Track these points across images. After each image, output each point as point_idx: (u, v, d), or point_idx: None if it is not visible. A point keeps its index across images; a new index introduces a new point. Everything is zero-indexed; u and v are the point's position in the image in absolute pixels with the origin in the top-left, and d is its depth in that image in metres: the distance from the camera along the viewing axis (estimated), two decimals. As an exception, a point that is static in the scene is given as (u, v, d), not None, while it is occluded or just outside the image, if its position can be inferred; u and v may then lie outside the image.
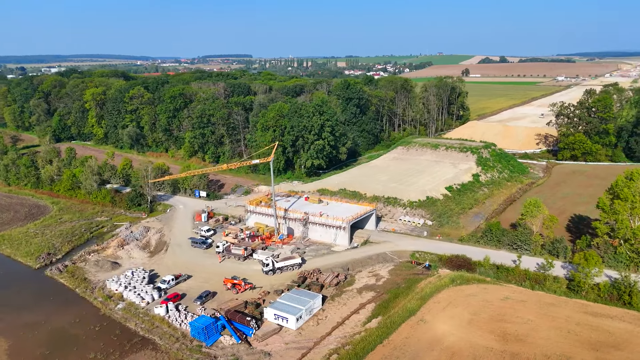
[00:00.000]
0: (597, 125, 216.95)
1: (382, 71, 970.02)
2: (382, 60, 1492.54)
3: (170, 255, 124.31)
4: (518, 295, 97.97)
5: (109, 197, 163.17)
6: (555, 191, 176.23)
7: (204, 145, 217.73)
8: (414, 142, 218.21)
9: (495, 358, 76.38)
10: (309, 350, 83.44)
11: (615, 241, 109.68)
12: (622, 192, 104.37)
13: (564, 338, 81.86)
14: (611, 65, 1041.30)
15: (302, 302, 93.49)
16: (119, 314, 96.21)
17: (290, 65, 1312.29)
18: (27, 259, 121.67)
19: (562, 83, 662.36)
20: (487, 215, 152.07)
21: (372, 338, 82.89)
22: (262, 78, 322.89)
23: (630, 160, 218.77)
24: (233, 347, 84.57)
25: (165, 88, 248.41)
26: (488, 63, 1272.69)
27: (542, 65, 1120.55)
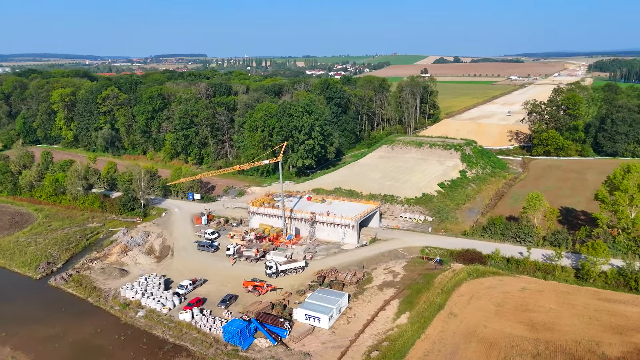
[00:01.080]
0: (567, 122, 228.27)
1: (342, 71, 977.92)
2: (339, 60, 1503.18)
3: (178, 259, 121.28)
4: (533, 285, 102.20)
5: (97, 202, 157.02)
6: (538, 185, 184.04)
7: (187, 146, 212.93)
8: (397, 141, 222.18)
9: (531, 346, 79.58)
10: (347, 348, 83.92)
11: (614, 231, 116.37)
12: (622, 184, 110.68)
13: (588, 324, 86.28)
14: (557, 65, 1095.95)
15: (331, 301, 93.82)
16: (141, 322, 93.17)
17: (249, 65, 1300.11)
18: (25, 270, 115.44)
19: (517, 82, 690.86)
20: (481, 210, 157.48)
21: (408, 334, 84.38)
22: (235, 78, 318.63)
23: (598, 155, 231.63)
24: (270, 350, 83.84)
25: (141, 88, 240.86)
26: (443, 63, 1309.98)
27: (493, 65, 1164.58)
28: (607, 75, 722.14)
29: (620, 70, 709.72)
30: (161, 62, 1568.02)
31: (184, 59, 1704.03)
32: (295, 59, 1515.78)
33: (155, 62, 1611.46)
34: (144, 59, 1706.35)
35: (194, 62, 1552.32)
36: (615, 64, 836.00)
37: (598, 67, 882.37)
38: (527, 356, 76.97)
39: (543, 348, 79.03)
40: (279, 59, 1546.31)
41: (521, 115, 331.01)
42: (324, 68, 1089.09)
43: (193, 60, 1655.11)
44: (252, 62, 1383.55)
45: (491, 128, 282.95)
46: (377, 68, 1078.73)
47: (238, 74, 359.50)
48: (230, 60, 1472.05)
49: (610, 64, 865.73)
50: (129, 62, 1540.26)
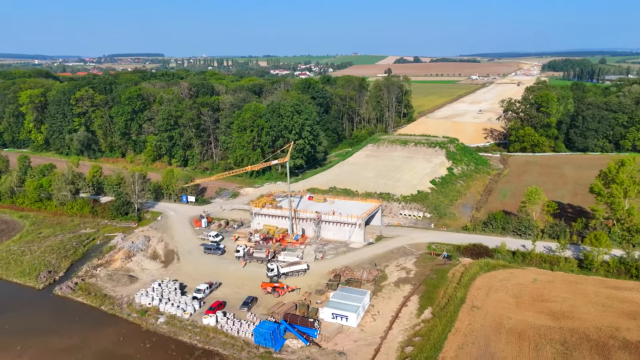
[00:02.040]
0: (541, 119, 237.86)
1: (307, 71, 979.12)
2: (301, 60, 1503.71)
3: (185, 263, 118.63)
4: (543, 276, 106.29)
5: (87, 207, 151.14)
6: (521, 180, 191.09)
7: (171, 148, 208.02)
8: (382, 140, 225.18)
9: (557, 335, 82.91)
10: (379, 345, 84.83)
11: (610, 222, 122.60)
12: (618, 177, 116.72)
13: (603, 311, 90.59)
14: (512, 64, 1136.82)
15: (356, 299, 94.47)
16: (164, 329, 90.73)
17: (210, 65, 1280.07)
18: (25, 279, 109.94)
19: (478, 81, 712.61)
20: (474, 206, 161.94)
21: (439, 328, 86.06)
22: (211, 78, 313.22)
23: (570, 151, 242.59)
24: (303, 350, 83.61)
25: (119, 89, 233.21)
26: (403, 63, 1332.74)
27: (452, 64, 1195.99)
28: (561, 75, 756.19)
29: (573, 70, 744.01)
30: (116, 62, 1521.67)
31: (141, 59, 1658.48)
32: (257, 59, 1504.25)
33: (110, 61, 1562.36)
34: (97, 59, 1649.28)
35: (152, 61, 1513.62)
36: (567, 64, 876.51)
37: (551, 67, 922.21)
38: (556, 344, 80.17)
39: (568, 336, 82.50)
40: (241, 59, 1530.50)
41: (491, 113, 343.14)
42: (288, 68, 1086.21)
43: (151, 59, 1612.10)
44: (213, 62, 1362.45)
45: (467, 126, 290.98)
46: (340, 68, 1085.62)
47: (212, 74, 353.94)
48: (191, 60, 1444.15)
49: (562, 63, 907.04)
50: (81, 62, 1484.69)
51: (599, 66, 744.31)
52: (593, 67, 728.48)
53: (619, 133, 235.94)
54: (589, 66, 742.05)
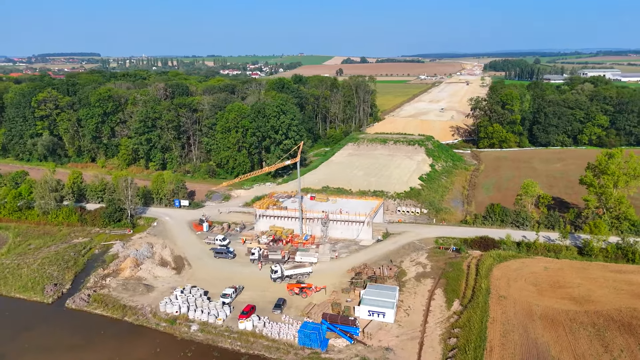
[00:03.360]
0: (508, 117, 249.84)
1: (258, 71, 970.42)
2: (248, 59, 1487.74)
3: (198, 269, 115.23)
4: (551, 264, 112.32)
5: (75, 215, 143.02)
6: (499, 175, 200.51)
7: (149, 151, 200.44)
8: (361, 138, 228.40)
9: (586, 318, 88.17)
10: (422, 339, 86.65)
11: (600, 210, 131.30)
12: (609, 168, 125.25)
13: (616, 294, 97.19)
14: (455, 65, 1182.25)
15: (389, 295, 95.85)
16: (199, 336, 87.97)
17: (154, 65, 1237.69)
18: (30, 294, 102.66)
19: (427, 81, 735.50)
20: (463, 200, 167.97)
21: (476, 318, 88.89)
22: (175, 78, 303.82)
23: (533, 146, 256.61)
24: (350, 349, 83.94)
25: (85, 90, 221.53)
26: (351, 63, 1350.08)
27: (398, 65, 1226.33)
28: (503, 74, 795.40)
29: (514, 70, 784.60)
30: (49, 62, 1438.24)
31: (76, 58, 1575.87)
32: (202, 59, 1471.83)
33: (42, 61, 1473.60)
34: (27, 58, 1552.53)
35: (89, 61, 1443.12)
36: (506, 64, 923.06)
37: (492, 67, 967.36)
38: (587, 327, 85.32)
39: (595, 318, 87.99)
40: (186, 59, 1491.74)
41: (452, 111, 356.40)
42: (236, 68, 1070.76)
43: (87, 59, 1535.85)
44: (157, 62, 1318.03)
45: (434, 124, 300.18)
46: (290, 68, 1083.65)
47: (175, 74, 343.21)
48: (132, 60, 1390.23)
49: (502, 64, 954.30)
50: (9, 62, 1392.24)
51: (537, 66, 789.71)
52: (532, 67, 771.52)
53: (576, 128, 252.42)
54: (528, 66, 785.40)
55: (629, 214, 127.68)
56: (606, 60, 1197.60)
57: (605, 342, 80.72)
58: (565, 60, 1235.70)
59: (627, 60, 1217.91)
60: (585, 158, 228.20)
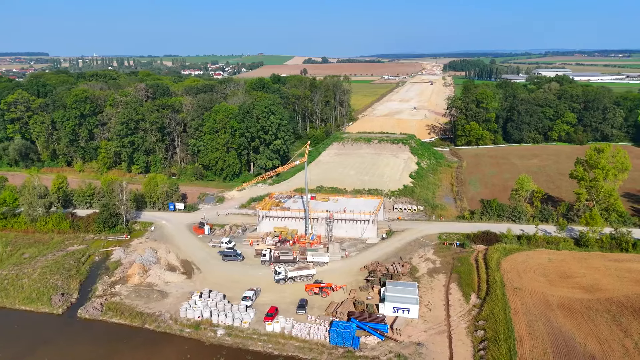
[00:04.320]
0: (483, 115, 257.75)
1: (220, 71, 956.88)
2: (208, 59, 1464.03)
3: (209, 273, 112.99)
4: (554, 256, 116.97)
5: (66, 222, 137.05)
6: (482, 171, 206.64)
7: (132, 154, 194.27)
8: (345, 138, 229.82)
9: (600, 305, 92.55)
10: (449, 332, 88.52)
11: (590, 203, 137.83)
12: (600, 162, 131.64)
13: (620, 282, 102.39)
14: (415, 65, 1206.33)
15: (410, 291, 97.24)
16: (228, 340, 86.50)
17: (110, 65, 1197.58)
18: (36, 305, 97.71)
19: (391, 81, 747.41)
20: (454, 196, 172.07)
21: (498, 310, 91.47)
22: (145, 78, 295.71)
23: (507, 142, 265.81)
24: (382, 346, 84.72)
25: (59, 91, 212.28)
26: (312, 63, 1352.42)
27: (359, 65, 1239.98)
28: (463, 74, 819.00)
29: (473, 70, 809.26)
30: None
31: (23, 59, 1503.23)
32: (160, 59, 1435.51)
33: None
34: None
35: (38, 61, 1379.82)
36: (465, 64, 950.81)
37: (451, 67, 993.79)
38: (603, 314, 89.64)
39: (608, 305, 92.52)
40: (142, 59, 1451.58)
41: (424, 110, 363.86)
42: (198, 68, 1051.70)
43: (35, 59, 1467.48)
44: (112, 62, 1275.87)
45: (410, 123, 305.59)
46: (252, 68, 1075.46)
47: (146, 74, 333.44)
48: (86, 60, 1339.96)
49: (461, 64, 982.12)
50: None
51: (496, 66, 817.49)
52: (490, 67, 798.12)
53: (547, 125, 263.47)
54: (486, 66, 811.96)
55: (617, 206, 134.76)
56: (555, 61, 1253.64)
57: (623, 327, 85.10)
58: (517, 61, 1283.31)
59: (574, 60, 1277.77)
60: (558, 154, 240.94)
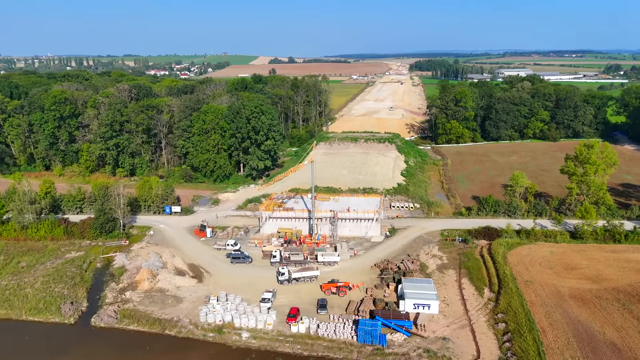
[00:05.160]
0: (462, 114, 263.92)
1: (187, 71, 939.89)
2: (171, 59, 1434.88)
3: (219, 276, 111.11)
4: (554, 248, 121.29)
5: (60, 228, 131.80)
6: (467, 168, 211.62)
7: (118, 156, 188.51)
8: (332, 137, 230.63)
9: (609, 294, 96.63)
10: (471, 326, 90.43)
11: (581, 197, 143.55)
12: (591, 158, 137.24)
13: (621, 271, 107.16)
14: (381, 65, 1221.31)
15: (429, 287, 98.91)
16: (254, 343, 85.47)
17: (68, 65, 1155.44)
18: (46, 316, 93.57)
19: (360, 81, 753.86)
20: (445, 193, 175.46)
21: (515, 303, 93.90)
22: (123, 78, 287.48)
23: (485, 140, 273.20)
24: (409, 342, 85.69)
25: (35, 93, 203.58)
26: (278, 63, 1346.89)
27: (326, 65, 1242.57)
28: (430, 74, 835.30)
29: (440, 69, 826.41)
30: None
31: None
32: (121, 59, 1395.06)
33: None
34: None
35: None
36: (430, 64, 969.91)
37: (417, 67, 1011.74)
38: (613, 302, 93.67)
39: (615, 294, 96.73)
40: (101, 58, 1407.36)
41: (400, 110, 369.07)
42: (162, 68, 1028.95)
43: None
44: (70, 62, 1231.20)
45: (390, 122, 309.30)
46: (219, 68, 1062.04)
47: (120, 74, 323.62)
48: (42, 60, 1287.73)
49: (427, 64, 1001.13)
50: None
51: (461, 66, 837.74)
52: (456, 67, 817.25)
53: (522, 123, 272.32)
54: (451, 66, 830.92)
55: (606, 199, 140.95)
56: (514, 61, 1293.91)
57: (635, 314, 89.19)
58: (478, 61, 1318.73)
59: (532, 60, 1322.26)
60: (534, 150, 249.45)
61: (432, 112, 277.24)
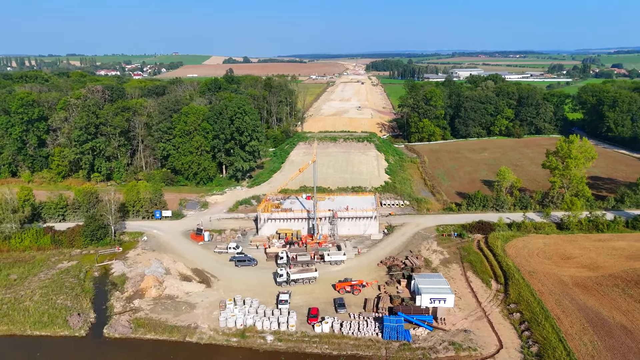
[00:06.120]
0: (433, 112, 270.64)
1: (139, 71, 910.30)
2: (120, 59, 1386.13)
3: (227, 280, 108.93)
4: (546, 240, 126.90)
5: (46, 237, 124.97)
6: (444, 165, 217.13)
7: (93, 161, 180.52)
8: (310, 137, 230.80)
9: (608, 281, 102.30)
10: (487, 317, 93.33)
11: (562, 190, 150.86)
12: (572, 152, 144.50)
13: (612, 258, 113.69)
14: (338, 65, 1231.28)
15: (441, 282, 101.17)
16: (281, 345, 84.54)
17: (8, 65, 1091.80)
18: (54, 329, 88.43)
19: (319, 80, 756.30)
20: (429, 190, 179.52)
21: (525, 293, 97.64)
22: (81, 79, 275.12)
23: (455, 138, 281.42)
24: (432, 336, 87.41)
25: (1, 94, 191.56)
26: (233, 63, 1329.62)
27: (282, 65, 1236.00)
28: (387, 74, 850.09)
29: (396, 70, 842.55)
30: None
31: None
32: (66, 58, 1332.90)
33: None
34: None
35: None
36: (387, 64, 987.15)
37: (374, 67, 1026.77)
38: (613, 288, 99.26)
39: (613, 280, 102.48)
40: (44, 58, 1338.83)
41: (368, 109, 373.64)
42: (112, 68, 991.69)
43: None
44: (10, 62, 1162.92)
45: (362, 121, 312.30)
46: (172, 68, 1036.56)
47: (80, 74, 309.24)
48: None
49: (382, 64, 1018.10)
50: None
51: (417, 66, 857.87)
52: (412, 67, 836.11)
53: (489, 121, 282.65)
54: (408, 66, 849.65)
55: (585, 192, 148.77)
56: (463, 61, 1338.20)
57: (636, 298, 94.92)
58: (429, 61, 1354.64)
59: (480, 60, 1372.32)
60: (503, 147, 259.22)
61: (404, 111, 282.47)
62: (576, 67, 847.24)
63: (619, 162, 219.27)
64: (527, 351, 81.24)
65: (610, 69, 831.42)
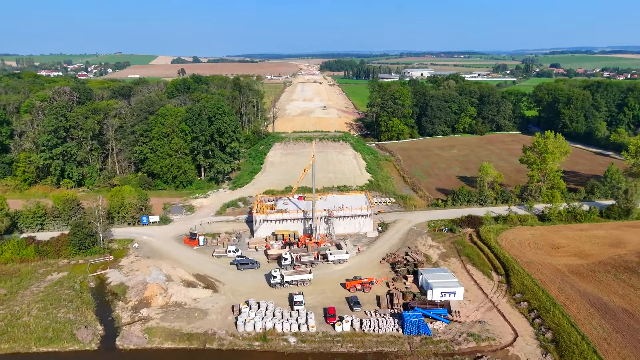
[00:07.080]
0: (401, 111, 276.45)
1: (84, 71, 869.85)
2: (59, 59, 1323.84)
3: (233, 283, 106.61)
4: (531, 231, 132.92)
5: (29, 248, 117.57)
6: (418, 163, 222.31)
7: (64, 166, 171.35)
8: (285, 137, 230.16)
9: (599, 267, 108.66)
10: (497, 307, 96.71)
11: (540, 183, 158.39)
12: (548, 148, 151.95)
13: (598, 246, 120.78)
14: (290, 65, 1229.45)
15: (448, 276, 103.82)
16: (305, 347, 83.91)
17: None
18: (62, 345, 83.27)
19: (275, 80, 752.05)
20: (410, 187, 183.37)
21: (529, 283, 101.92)
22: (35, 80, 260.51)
23: (422, 136, 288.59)
24: (450, 329, 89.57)
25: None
26: (182, 63, 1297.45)
27: (233, 65, 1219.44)
28: (342, 74, 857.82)
29: (351, 70, 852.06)
30: None
31: None
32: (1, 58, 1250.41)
33: None
34: None
35: None
36: (340, 64, 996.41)
37: (328, 67, 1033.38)
38: (606, 274, 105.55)
39: (603, 267, 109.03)
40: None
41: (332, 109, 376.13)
42: (53, 68, 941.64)
43: None
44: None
45: (330, 121, 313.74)
46: (119, 68, 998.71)
47: (33, 75, 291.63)
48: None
49: (336, 64, 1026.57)
50: None
51: (372, 66, 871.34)
52: (367, 67, 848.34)
53: (453, 119, 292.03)
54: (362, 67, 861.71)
55: (560, 184, 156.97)
56: (412, 61, 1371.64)
57: (628, 282, 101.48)
58: (380, 61, 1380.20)
59: (428, 60, 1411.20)
60: (469, 144, 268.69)
61: (374, 111, 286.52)
62: (519, 67, 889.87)
63: (577, 156, 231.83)
64: (543, 338, 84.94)
65: (550, 69, 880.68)
